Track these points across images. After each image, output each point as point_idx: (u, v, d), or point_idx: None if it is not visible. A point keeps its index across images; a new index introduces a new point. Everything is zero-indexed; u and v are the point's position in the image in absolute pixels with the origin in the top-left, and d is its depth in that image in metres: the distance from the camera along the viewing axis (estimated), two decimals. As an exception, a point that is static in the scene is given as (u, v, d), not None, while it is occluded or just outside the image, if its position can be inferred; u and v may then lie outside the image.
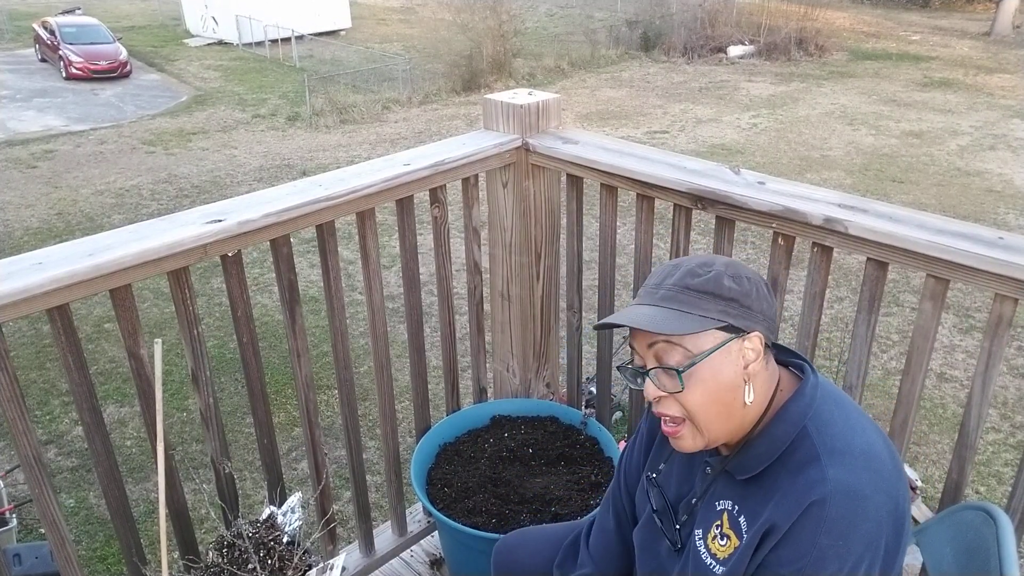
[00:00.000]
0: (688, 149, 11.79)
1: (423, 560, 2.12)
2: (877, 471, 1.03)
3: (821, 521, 0.98)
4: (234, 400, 5.73)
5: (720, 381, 1.04)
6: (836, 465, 1.01)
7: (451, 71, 16.77)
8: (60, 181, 11.16)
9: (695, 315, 1.03)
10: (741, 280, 1.05)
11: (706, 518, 1.13)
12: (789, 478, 1.03)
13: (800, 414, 1.05)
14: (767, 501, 1.04)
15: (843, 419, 1.07)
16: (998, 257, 1.27)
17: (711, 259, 1.08)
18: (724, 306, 1.04)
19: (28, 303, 1.25)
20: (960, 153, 11.63)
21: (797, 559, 0.99)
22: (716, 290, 1.04)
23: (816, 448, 1.02)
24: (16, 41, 21.68)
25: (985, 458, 5.10)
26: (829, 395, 1.09)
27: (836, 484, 0.99)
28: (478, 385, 2.17)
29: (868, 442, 1.05)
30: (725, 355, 1.03)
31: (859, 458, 1.03)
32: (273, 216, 1.49)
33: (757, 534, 1.03)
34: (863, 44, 19.89)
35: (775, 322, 1.08)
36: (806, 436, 1.04)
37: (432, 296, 2.19)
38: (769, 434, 1.06)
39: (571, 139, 1.87)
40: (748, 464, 1.07)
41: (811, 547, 0.98)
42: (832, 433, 1.04)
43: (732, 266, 1.08)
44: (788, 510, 1.00)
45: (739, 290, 1.04)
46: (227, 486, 1.66)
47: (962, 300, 7.08)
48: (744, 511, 1.08)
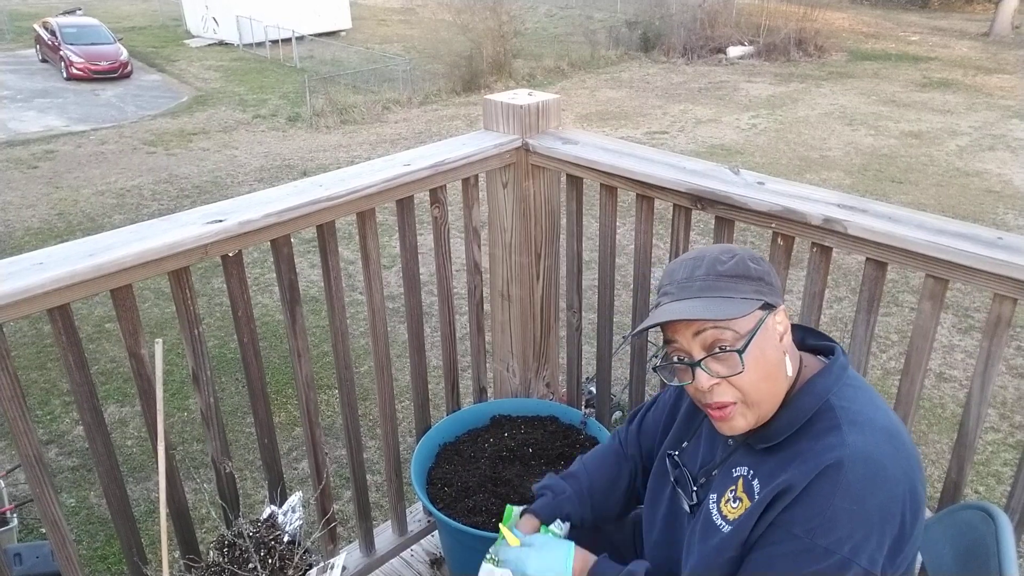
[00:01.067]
0: (688, 149, 11.79)
1: (423, 560, 2.12)
2: (897, 448, 1.04)
3: (837, 483, 1.00)
4: (234, 400, 5.73)
5: (768, 357, 1.07)
6: (856, 433, 1.03)
7: (451, 72, 16.78)
8: (61, 181, 11.16)
9: (738, 298, 1.06)
10: (760, 261, 1.11)
11: (722, 483, 1.16)
12: (809, 443, 1.05)
13: (825, 388, 1.08)
14: (787, 464, 1.06)
15: (868, 400, 1.09)
16: (997, 257, 1.27)
17: (727, 247, 1.13)
18: (756, 285, 1.08)
19: (29, 303, 1.25)
20: (959, 153, 11.63)
21: (811, 518, 1.00)
22: (746, 272, 1.08)
23: (838, 418, 1.05)
24: (17, 41, 21.68)
25: (984, 458, 5.10)
26: (856, 380, 1.12)
27: (855, 449, 1.01)
28: (478, 385, 2.17)
29: (891, 421, 1.08)
30: (765, 332, 1.07)
31: (881, 431, 1.05)
32: (274, 216, 1.50)
33: (770, 494, 1.05)
34: (862, 45, 19.89)
35: None
36: (829, 408, 1.06)
37: (432, 296, 2.20)
38: (793, 406, 1.08)
39: (571, 139, 1.87)
40: (769, 435, 1.10)
41: (826, 507, 1.00)
42: (855, 408, 1.07)
43: (746, 250, 1.13)
44: (805, 471, 1.02)
45: (762, 269, 1.10)
46: (228, 486, 1.67)
47: (961, 300, 7.08)
48: (759, 475, 1.10)
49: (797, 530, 1.01)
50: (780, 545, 1.03)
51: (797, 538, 1.01)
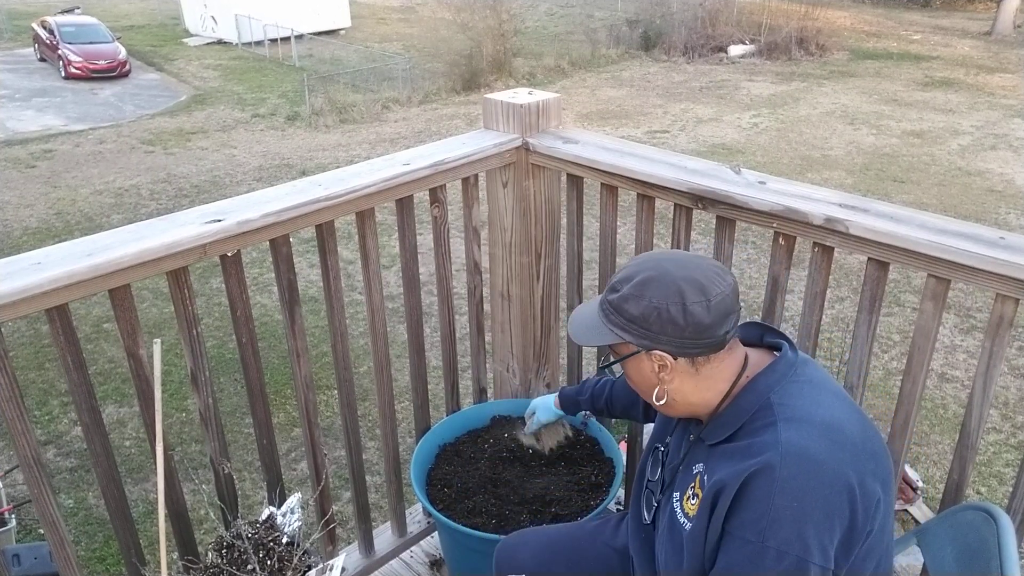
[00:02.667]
0: (689, 149, 11.79)
1: (423, 561, 2.11)
2: (836, 442, 1.06)
3: (773, 482, 1.03)
4: (233, 400, 5.72)
5: (641, 380, 1.20)
6: (791, 430, 1.06)
7: (451, 71, 16.77)
8: (59, 181, 11.15)
9: (606, 329, 1.17)
10: (641, 303, 1.12)
11: (684, 481, 1.21)
12: (747, 441, 1.10)
13: (767, 387, 1.13)
14: (726, 460, 1.11)
15: (812, 395, 1.12)
16: (999, 257, 1.26)
17: (634, 273, 1.15)
18: (626, 324, 1.14)
19: (27, 303, 1.25)
20: (961, 153, 11.62)
21: (757, 520, 1.03)
22: (620, 311, 1.15)
23: (775, 416, 1.09)
24: (15, 40, 21.67)
25: (986, 458, 5.10)
26: (807, 377, 1.15)
27: (788, 446, 1.05)
28: (478, 385, 2.17)
29: (832, 415, 1.10)
30: (639, 362, 1.17)
31: (818, 426, 1.07)
32: (272, 216, 1.49)
33: (711, 491, 1.09)
34: (864, 43, 19.89)
35: (695, 339, 1.11)
36: (769, 406, 1.10)
37: (432, 296, 2.19)
38: (735, 404, 1.14)
39: (571, 139, 1.87)
40: (715, 431, 1.16)
41: (768, 508, 1.03)
42: (794, 405, 1.10)
43: (641, 286, 1.13)
44: (737, 470, 1.06)
45: (636, 314, 1.13)
46: (226, 486, 1.66)
47: (963, 300, 7.07)
48: (708, 471, 1.15)
49: (748, 535, 1.04)
50: (737, 552, 1.06)
51: (750, 543, 1.04)
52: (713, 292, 1.11)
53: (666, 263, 1.14)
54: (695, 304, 1.10)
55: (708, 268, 1.14)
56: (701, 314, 1.10)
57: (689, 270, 1.13)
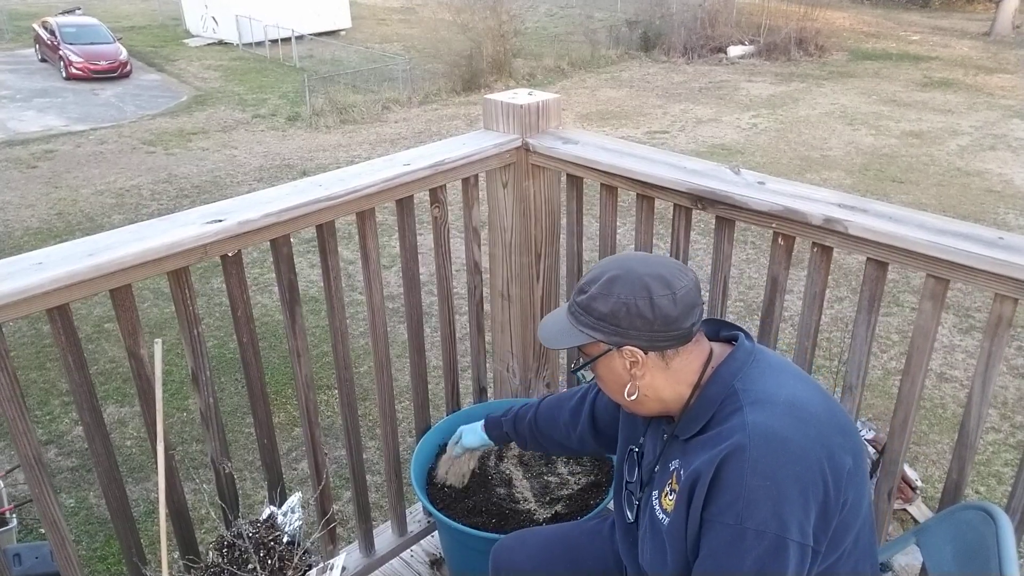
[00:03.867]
0: (688, 149, 11.79)
1: (423, 560, 2.12)
2: (802, 419, 1.09)
3: (744, 462, 1.05)
4: (234, 400, 5.73)
5: (612, 379, 1.20)
6: (756, 412, 1.09)
7: (451, 71, 16.77)
8: (60, 181, 11.15)
9: (576, 329, 1.18)
10: (609, 300, 1.14)
11: (661, 479, 1.23)
12: (716, 429, 1.12)
13: (730, 375, 1.15)
14: (699, 451, 1.12)
15: (773, 378, 1.15)
16: (998, 257, 1.27)
17: (601, 273, 1.17)
18: (595, 323, 1.16)
19: (28, 303, 1.25)
20: (960, 153, 11.63)
21: (733, 503, 1.05)
22: (589, 310, 1.17)
23: (740, 401, 1.11)
24: (16, 41, 21.67)
25: (985, 458, 5.10)
26: (767, 362, 1.18)
27: (755, 427, 1.07)
28: (478, 385, 2.17)
29: (794, 394, 1.12)
30: (610, 360, 1.18)
31: (780, 405, 1.10)
32: (273, 216, 1.49)
33: (686, 484, 1.11)
34: (863, 44, 19.89)
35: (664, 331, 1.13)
36: (733, 393, 1.13)
37: (432, 296, 2.19)
38: (702, 397, 1.16)
39: (571, 139, 1.87)
40: (687, 426, 1.18)
41: (741, 489, 1.05)
42: (758, 388, 1.12)
43: (607, 284, 1.15)
44: (711, 456, 1.08)
45: (604, 311, 1.15)
46: (227, 486, 1.66)
47: (962, 300, 7.07)
48: (684, 465, 1.16)
49: (727, 519, 1.06)
50: (717, 538, 1.07)
51: (728, 526, 1.05)
52: (678, 285, 1.14)
53: (630, 262, 1.18)
54: (662, 297, 1.12)
55: (671, 264, 1.18)
56: (668, 307, 1.12)
57: (653, 267, 1.16)
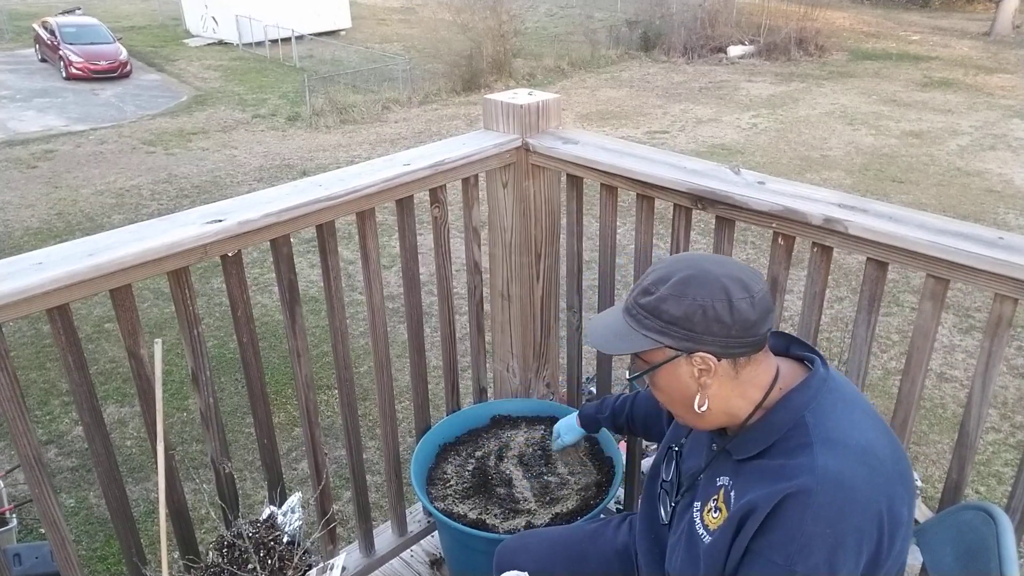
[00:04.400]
0: (688, 149, 11.79)
1: (423, 560, 2.12)
2: (872, 467, 1.03)
3: (807, 507, 1.00)
4: (234, 400, 5.73)
5: (675, 388, 1.12)
6: (828, 454, 1.03)
7: (451, 71, 16.77)
8: (60, 181, 11.15)
9: (639, 334, 1.10)
10: (683, 302, 1.07)
11: (706, 492, 1.18)
12: (781, 461, 1.06)
13: (802, 404, 1.08)
14: (757, 480, 1.07)
15: (846, 414, 1.08)
16: (998, 257, 1.27)
17: (670, 273, 1.10)
18: (665, 327, 1.08)
19: (28, 303, 1.25)
20: (960, 153, 11.63)
21: (787, 543, 1.01)
22: (657, 313, 1.09)
23: (811, 436, 1.05)
24: (16, 41, 21.67)
25: (985, 458, 5.10)
26: (839, 393, 1.11)
27: (825, 473, 1.01)
28: (478, 385, 2.17)
29: (867, 439, 1.06)
30: (675, 368, 1.10)
31: (854, 450, 1.04)
32: (273, 216, 1.49)
33: (739, 511, 1.06)
34: (863, 44, 19.88)
35: (740, 337, 1.07)
36: (803, 425, 1.06)
37: (432, 296, 2.19)
38: (767, 420, 1.10)
39: (571, 139, 1.87)
40: (745, 446, 1.11)
41: (799, 532, 1.00)
42: (830, 425, 1.06)
43: (681, 285, 1.08)
44: (771, 492, 1.03)
45: (678, 314, 1.07)
46: (227, 486, 1.66)
47: (962, 300, 7.07)
48: (735, 487, 1.11)
49: (776, 557, 1.02)
50: (761, 573, 1.03)
51: (777, 565, 1.01)
52: (755, 289, 1.07)
53: (703, 262, 1.10)
54: (741, 300, 1.06)
55: (743, 267, 1.11)
56: (747, 310, 1.06)
57: (728, 268, 1.09)
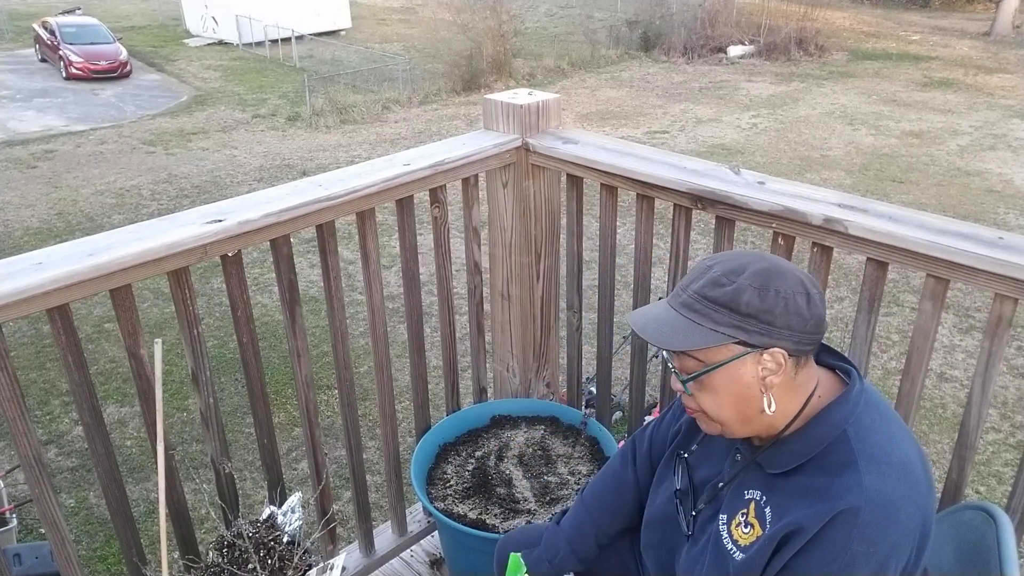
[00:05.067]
0: (688, 149, 11.79)
1: (423, 560, 2.12)
2: (912, 484, 1.02)
3: (854, 527, 0.97)
4: (234, 400, 5.73)
5: (734, 390, 1.04)
6: (873, 473, 1.00)
7: (451, 71, 16.77)
8: (60, 181, 11.15)
9: (706, 328, 1.02)
10: (767, 295, 1.01)
11: (733, 505, 1.13)
12: (824, 479, 1.02)
13: (842, 418, 1.04)
14: (798, 498, 1.03)
15: (884, 429, 1.06)
16: (998, 257, 1.27)
17: (743, 265, 1.03)
18: (740, 321, 1.01)
19: (28, 303, 1.25)
20: (960, 153, 11.63)
21: (828, 563, 0.98)
22: (733, 305, 1.01)
23: (854, 453, 1.01)
24: (16, 41, 21.67)
25: (985, 458, 5.10)
26: (873, 404, 1.08)
27: (872, 492, 0.98)
28: (478, 385, 2.17)
29: (906, 455, 1.04)
30: (740, 367, 1.03)
31: (896, 468, 1.02)
32: (273, 216, 1.49)
33: (781, 530, 1.02)
34: (863, 44, 19.88)
35: (813, 333, 1.03)
36: (845, 440, 1.03)
37: (432, 296, 2.19)
38: (806, 434, 1.05)
39: (571, 139, 1.87)
40: (780, 460, 1.07)
41: (843, 552, 0.98)
42: (872, 441, 1.03)
43: (762, 276, 1.02)
44: (818, 512, 0.99)
45: (760, 306, 1.00)
46: (227, 486, 1.66)
47: (962, 300, 7.08)
48: (771, 503, 1.07)
49: (815, 574, 0.99)
50: None
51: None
52: (816, 285, 1.04)
53: (769, 256, 1.06)
54: (816, 295, 1.02)
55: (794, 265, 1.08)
56: (820, 306, 1.03)
57: (789, 264, 1.05)
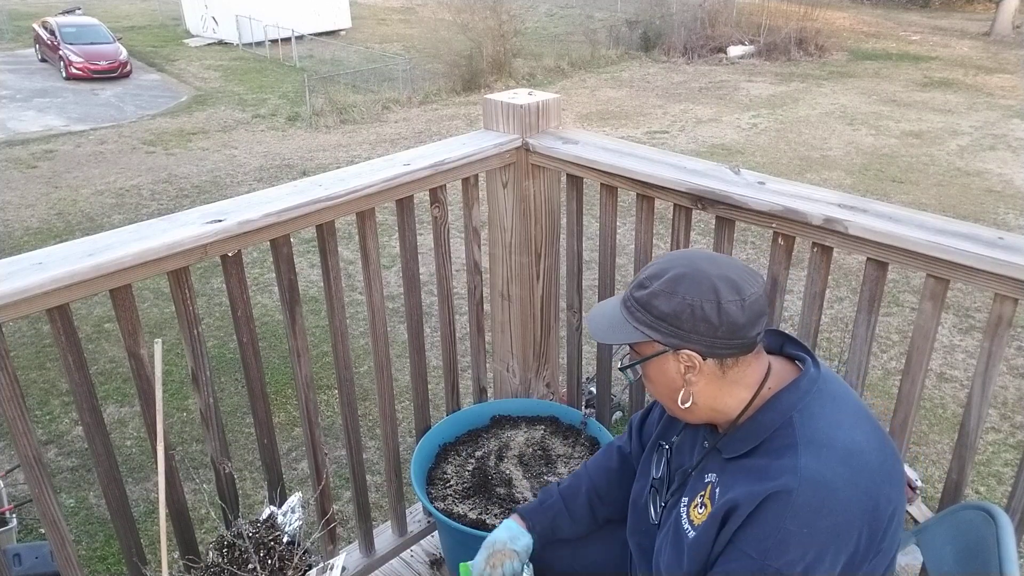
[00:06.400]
0: (688, 149, 11.79)
1: (423, 560, 2.12)
2: (856, 469, 1.05)
3: (787, 507, 1.02)
4: (234, 400, 5.73)
5: (662, 382, 1.15)
6: (811, 456, 1.04)
7: (451, 71, 16.77)
8: (60, 181, 11.15)
9: (631, 326, 1.12)
10: (673, 300, 1.09)
11: (694, 488, 1.19)
12: (765, 461, 1.07)
13: (790, 405, 1.09)
14: (741, 478, 1.09)
15: (832, 415, 1.10)
16: (998, 257, 1.27)
17: (664, 270, 1.11)
18: (654, 322, 1.10)
19: (28, 303, 1.25)
20: (960, 153, 11.63)
21: (763, 539, 1.03)
22: (649, 307, 1.11)
23: (796, 437, 1.06)
24: (16, 41, 21.67)
25: (985, 458, 5.10)
26: (829, 392, 1.12)
27: (807, 473, 1.03)
28: (478, 385, 2.17)
29: (852, 439, 1.07)
30: (663, 362, 1.13)
31: (837, 452, 1.05)
32: (273, 216, 1.49)
33: (722, 508, 1.08)
34: (863, 44, 19.89)
35: (727, 339, 1.07)
36: (790, 426, 1.08)
37: (432, 296, 2.20)
38: (756, 420, 1.11)
39: (571, 139, 1.87)
40: (734, 445, 1.13)
41: (776, 530, 1.02)
42: (816, 427, 1.07)
43: (673, 282, 1.09)
44: (754, 492, 1.04)
45: (667, 311, 1.09)
46: (227, 486, 1.66)
47: (962, 300, 7.08)
48: (721, 483, 1.13)
49: (751, 550, 1.04)
50: (735, 564, 1.06)
51: (751, 559, 1.03)
52: (747, 292, 1.08)
53: (698, 260, 1.11)
54: (730, 303, 1.06)
55: (740, 268, 1.11)
56: (736, 313, 1.06)
57: (723, 268, 1.10)
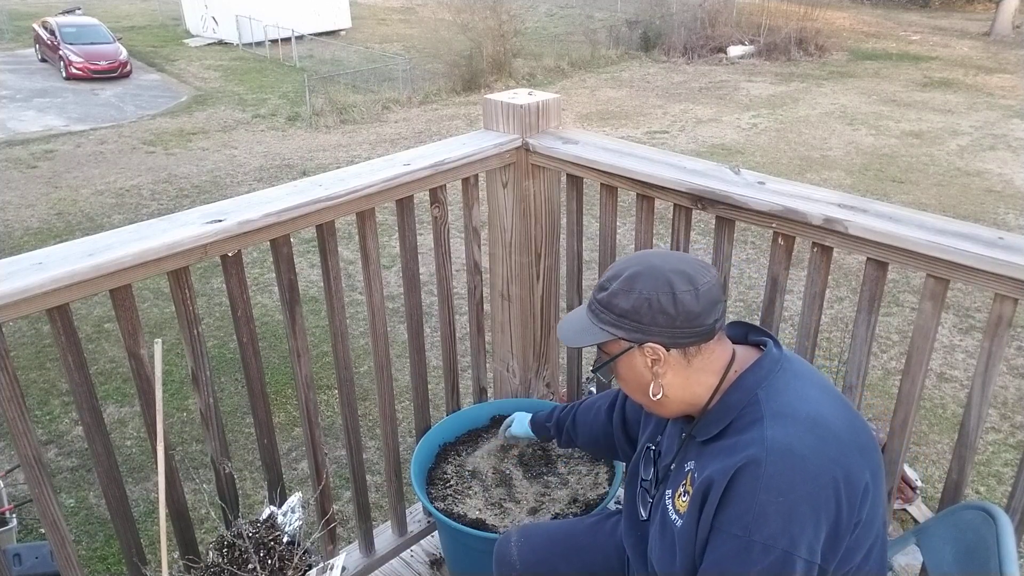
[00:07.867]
0: (688, 149, 11.79)
1: (423, 560, 2.12)
2: (822, 437, 1.08)
3: (758, 478, 1.04)
4: (234, 400, 5.73)
5: (632, 377, 1.20)
6: (776, 426, 1.08)
7: (451, 71, 16.77)
8: (60, 181, 11.15)
9: (596, 327, 1.18)
10: (631, 296, 1.14)
11: (676, 479, 1.23)
12: (733, 438, 1.11)
13: (754, 383, 1.14)
14: (714, 457, 1.13)
15: (797, 389, 1.14)
16: (998, 257, 1.27)
17: (621, 270, 1.17)
18: (617, 320, 1.16)
19: (28, 303, 1.25)
20: (960, 153, 11.63)
21: (743, 515, 1.05)
22: (611, 307, 1.16)
23: (761, 411, 1.10)
24: (16, 41, 21.67)
25: (985, 458, 5.10)
26: (793, 371, 1.17)
27: (773, 443, 1.06)
28: (478, 385, 2.17)
29: (818, 411, 1.11)
30: (631, 359, 1.18)
31: (803, 422, 1.09)
32: (273, 216, 1.49)
33: (700, 488, 1.11)
34: (863, 44, 19.89)
35: (686, 327, 1.13)
36: (756, 402, 1.12)
37: (432, 296, 2.20)
38: (723, 402, 1.16)
39: (571, 139, 1.87)
40: (706, 428, 1.17)
41: (753, 503, 1.04)
42: (781, 400, 1.11)
43: (629, 280, 1.15)
44: (725, 466, 1.08)
45: (627, 308, 1.14)
46: (227, 486, 1.66)
47: (962, 300, 7.07)
48: (698, 468, 1.16)
49: (735, 530, 1.06)
50: (723, 547, 1.07)
51: (736, 537, 1.05)
52: (700, 281, 1.13)
53: (651, 258, 1.18)
54: (684, 293, 1.12)
55: (692, 261, 1.17)
56: (691, 302, 1.12)
57: (674, 263, 1.16)
